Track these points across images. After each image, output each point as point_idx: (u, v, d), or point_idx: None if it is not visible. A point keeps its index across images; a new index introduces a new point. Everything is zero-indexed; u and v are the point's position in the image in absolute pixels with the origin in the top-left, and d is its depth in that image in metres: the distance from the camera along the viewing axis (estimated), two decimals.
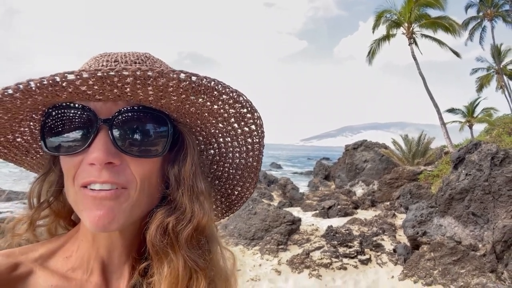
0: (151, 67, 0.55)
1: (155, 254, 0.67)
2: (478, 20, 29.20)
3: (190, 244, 0.68)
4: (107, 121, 0.61)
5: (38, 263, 0.66)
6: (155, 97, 0.59)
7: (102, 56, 0.70)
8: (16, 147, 0.75)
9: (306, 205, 14.21)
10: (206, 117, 0.68)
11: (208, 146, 0.79)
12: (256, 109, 0.68)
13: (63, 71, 0.53)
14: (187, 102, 0.62)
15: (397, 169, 15.45)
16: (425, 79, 21.11)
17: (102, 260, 0.70)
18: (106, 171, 0.60)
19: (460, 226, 6.33)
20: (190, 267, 0.67)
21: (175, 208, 0.68)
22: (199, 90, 0.59)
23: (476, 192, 6.22)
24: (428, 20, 21.01)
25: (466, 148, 7.23)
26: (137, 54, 0.70)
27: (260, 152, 0.77)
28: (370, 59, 23.52)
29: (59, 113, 0.63)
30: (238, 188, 0.86)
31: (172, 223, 0.66)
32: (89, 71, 0.52)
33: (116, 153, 0.61)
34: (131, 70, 0.53)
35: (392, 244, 8.12)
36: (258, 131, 0.72)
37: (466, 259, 5.89)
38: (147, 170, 0.65)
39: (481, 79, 31.87)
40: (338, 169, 23.68)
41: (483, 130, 25.04)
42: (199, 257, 0.69)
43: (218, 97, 0.62)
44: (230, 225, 9.24)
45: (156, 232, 0.66)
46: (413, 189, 11.54)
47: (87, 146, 0.61)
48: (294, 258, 7.36)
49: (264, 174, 25.36)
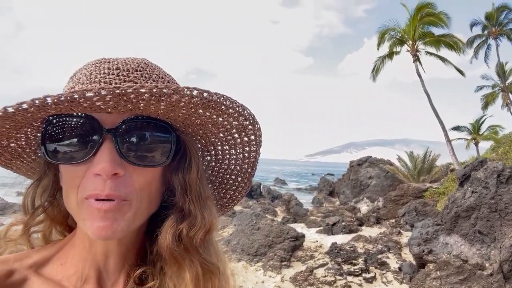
0: (167, 85, 0.56)
1: (174, 261, 0.69)
2: (483, 38, 29.33)
3: (203, 247, 0.71)
4: (112, 131, 0.62)
5: (33, 270, 0.66)
6: (165, 111, 0.61)
7: (102, 62, 0.69)
8: (8, 152, 0.74)
9: (310, 221, 14.08)
10: (209, 128, 0.70)
11: (206, 153, 0.80)
12: (257, 121, 0.70)
13: (81, 88, 0.53)
14: (195, 115, 0.63)
15: (402, 186, 15.32)
16: (430, 96, 21.12)
17: (97, 267, 0.69)
18: (111, 182, 0.60)
19: (467, 245, 6.23)
20: (207, 269, 0.71)
21: (186, 215, 0.70)
22: (208, 105, 0.61)
23: (483, 210, 6.14)
24: (432, 38, 21.16)
25: (472, 166, 7.17)
26: (137, 61, 0.70)
27: (256, 160, 0.80)
28: (374, 76, 23.63)
29: (61, 121, 0.63)
30: (230, 192, 0.88)
31: (186, 229, 0.68)
32: (108, 88, 0.53)
33: (121, 163, 0.62)
34: (148, 88, 0.54)
35: (398, 262, 7.99)
36: (257, 140, 0.74)
37: (473, 278, 5.77)
38: (148, 179, 0.66)
39: (486, 96, 31.78)
40: (342, 185, 23.51)
41: (489, 147, 24.84)
42: (211, 257, 0.73)
43: (225, 111, 0.64)
44: (233, 240, 9.16)
45: (173, 239, 0.67)
46: (419, 207, 11.41)
47: (92, 156, 0.61)
48: (298, 275, 7.26)
49: (268, 190, 25.23)
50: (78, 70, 0.70)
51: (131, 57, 0.71)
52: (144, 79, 0.67)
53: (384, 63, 22.97)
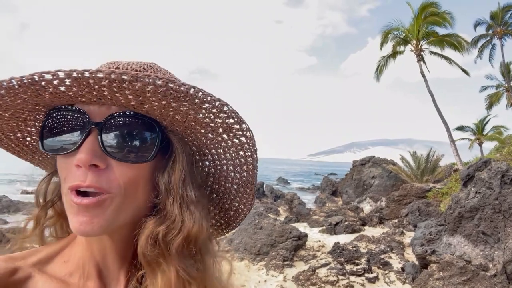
0: (126, 71, 0.56)
1: (147, 265, 0.67)
2: (488, 38, 29.18)
3: (181, 254, 0.67)
4: (98, 124, 0.63)
5: (37, 268, 0.67)
6: (136, 101, 0.60)
7: (108, 63, 0.71)
8: (26, 146, 0.78)
9: (313, 221, 14.06)
10: (193, 125, 0.68)
11: (203, 157, 0.79)
12: (244, 120, 0.68)
13: (42, 71, 0.55)
14: (170, 109, 0.62)
15: (405, 186, 15.26)
16: (433, 96, 21.03)
17: (97, 265, 0.70)
18: (91, 174, 0.61)
19: (470, 245, 6.20)
20: (183, 278, 0.67)
21: (165, 217, 0.68)
22: (178, 97, 0.60)
23: (486, 211, 6.11)
24: (437, 37, 21.06)
25: (476, 166, 7.13)
26: (141, 63, 0.70)
27: (254, 167, 0.77)
28: (378, 75, 23.55)
29: (58, 115, 0.65)
30: (235, 204, 0.85)
31: (162, 232, 0.66)
32: (65, 71, 0.54)
33: (101, 155, 0.62)
34: (105, 72, 0.54)
35: (400, 263, 7.97)
36: (249, 143, 0.72)
37: (476, 279, 5.75)
38: (133, 176, 0.65)
39: (490, 96, 31.61)
40: (345, 185, 23.47)
41: (493, 148, 24.71)
42: (192, 267, 0.69)
43: (200, 105, 0.62)
44: (236, 239, 9.17)
45: (147, 242, 0.65)
46: (422, 207, 11.36)
47: (77, 148, 0.62)
48: (300, 275, 7.26)
49: (270, 189, 25.20)
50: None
51: (140, 61, 0.72)
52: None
53: (387, 63, 22.88)
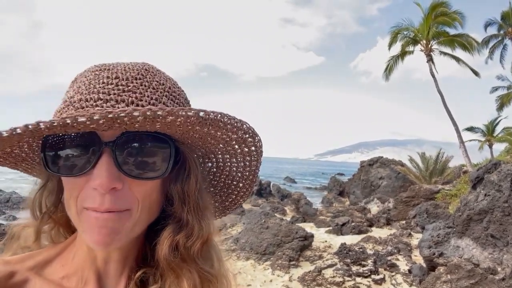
0: (162, 107, 0.56)
1: (170, 270, 0.69)
2: (499, 38, 28.77)
3: (201, 256, 0.72)
4: (110, 144, 0.61)
5: (34, 272, 0.67)
6: (162, 128, 0.60)
7: (101, 70, 0.68)
8: (12, 157, 0.74)
9: (319, 221, 14.03)
10: (208, 140, 0.69)
11: (206, 159, 0.80)
12: (257, 133, 0.70)
13: (75, 113, 0.53)
14: (192, 131, 0.63)
15: (413, 187, 15.13)
16: (443, 96, 20.82)
17: (97, 270, 0.70)
18: (109, 196, 0.60)
19: (478, 248, 6.13)
20: (205, 278, 0.72)
21: (183, 225, 0.70)
22: (205, 123, 0.61)
23: (495, 214, 6.03)
24: (447, 37, 20.84)
25: (485, 168, 7.05)
26: (137, 68, 0.69)
27: (257, 168, 0.80)
28: (387, 75, 23.41)
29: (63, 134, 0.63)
30: (232, 196, 0.89)
31: (183, 240, 0.69)
32: (101, 113, 0.53)
33: (118, 176, 0.61)
34: (142, 111, 0.54)
35: (408, 265, 7.91)
36: (258, 151, 0.75)
37: (484, 282, 5.68)
38: (149, 190, 0.66)
39: (501, 97, 31.16)
40: (352, 185, 23.36)
41: (503, 149, 24.37)
42: (210, 267, 0.74)
43: (223, 127, 0.64)
44: (242, 238, 9.19)
45: (169, 250, 0.68)
46: (430, 208, 11.26)
47: (91, 168, 0.61)
48: (306, 275, 7.25)
49: (277, 188, 25.21)
50: (79, 76, 0.70)
51: (132, 63, 0.71)
52: (144, 88, 0.66)
53: (397, 63, 22.73)
